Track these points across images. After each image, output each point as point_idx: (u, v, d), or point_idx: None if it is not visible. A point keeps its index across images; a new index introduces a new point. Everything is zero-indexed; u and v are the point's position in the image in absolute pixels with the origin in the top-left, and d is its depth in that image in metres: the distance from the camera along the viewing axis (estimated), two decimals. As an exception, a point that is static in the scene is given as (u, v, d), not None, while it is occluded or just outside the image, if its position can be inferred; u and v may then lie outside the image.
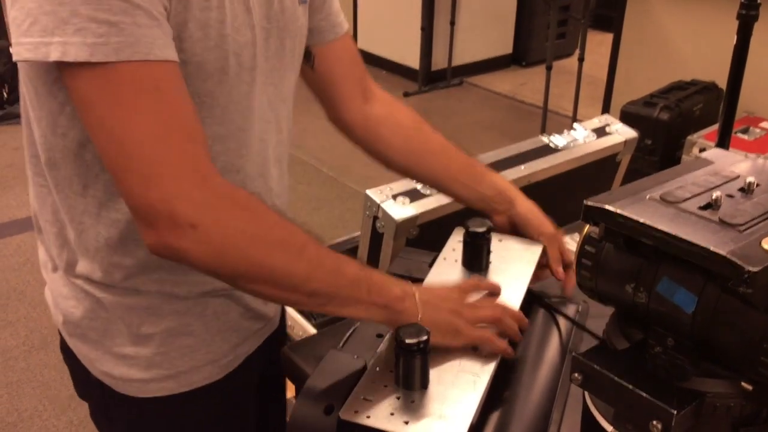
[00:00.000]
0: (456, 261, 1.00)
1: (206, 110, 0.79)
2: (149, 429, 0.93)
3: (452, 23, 4.90)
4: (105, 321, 0.86)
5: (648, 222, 0.62)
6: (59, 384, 2.26)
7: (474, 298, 0.87)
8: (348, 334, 0.87)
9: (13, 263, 2.90)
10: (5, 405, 2.22)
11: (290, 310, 1.64)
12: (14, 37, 0.68)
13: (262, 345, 0.97)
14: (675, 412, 0.60)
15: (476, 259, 0.97)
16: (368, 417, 0.72)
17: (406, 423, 0.72)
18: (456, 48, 5.01)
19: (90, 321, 0.86)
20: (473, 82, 5.11)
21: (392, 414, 0.73)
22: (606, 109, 3.72)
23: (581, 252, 0.69)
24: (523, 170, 1.48)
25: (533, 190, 1.46)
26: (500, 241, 1.05)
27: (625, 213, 0.64)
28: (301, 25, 0.92)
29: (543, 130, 3.96)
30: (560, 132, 1.63)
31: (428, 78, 4.99)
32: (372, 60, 5.26)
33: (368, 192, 1.37)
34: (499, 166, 1.46)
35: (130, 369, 0.87)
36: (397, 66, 5.13)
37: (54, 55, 0.66)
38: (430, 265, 1.00)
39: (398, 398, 0.75)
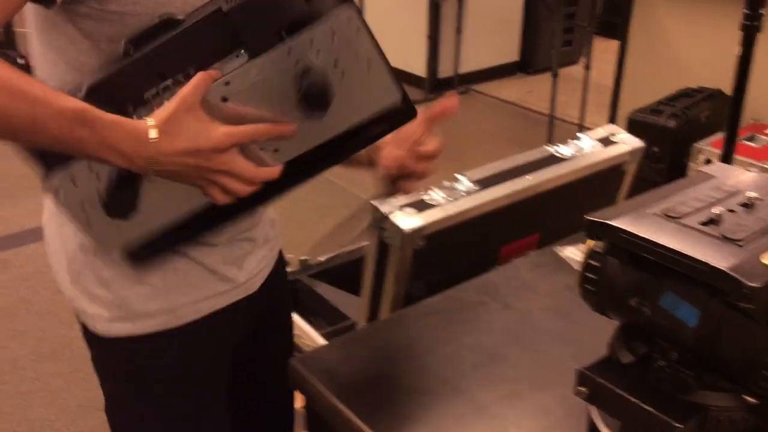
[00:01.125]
0: None
1: None
2: (118, 368, 1.01)
3: (458, 31, 4.91)
4: (81, 263, 0.95)
5: (650, 237, 0.63)
6: (69, 394, 2.28)
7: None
8: None
9: (22, 273, 2.92)
10: (16, 415, 2.23)
11: (299, 320, 1.66)
12: None
13: (230, 307, 1.02)
14: (679, 426, 0.60)
15: None
16: None
17: None
18: (462, 56, 5.03)
19: (72, 263, 0.96)
20: (479, 90, 5.12)
21: None
22: (612, 117, 3.73)
23: (585, 266, 0.70)
24: (529, 180, 1.48)
25: (539, 200, 1.47)
26: None
27: (628, 228, 0.65)
28: None
29: (549, 138, 3.96)
30: (567, 140, 1.64)
31: (434, 86, 5.01)
32: (378, 68, 5.29)
33: (374, 202, 1.38)
34: (505, 175, 1.47)
35: (100, 308, 0.96)
36: (403, 74, 5.14)
37: None
38: None
39: None
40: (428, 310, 1.08)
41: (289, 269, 1.94)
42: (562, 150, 1.61)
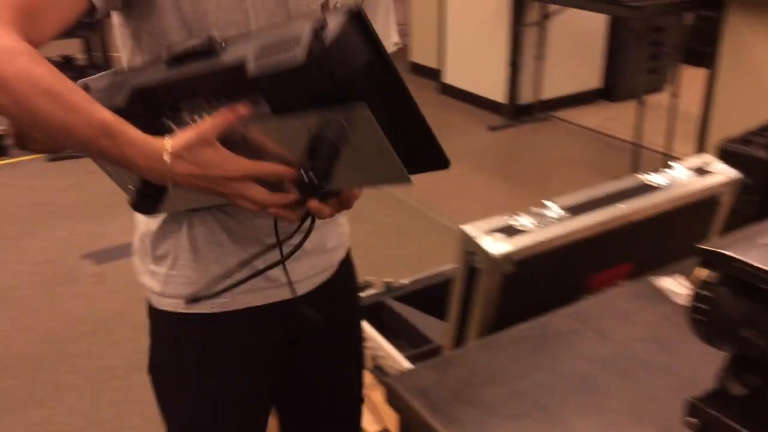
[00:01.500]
0: None
1: None
2: (160, 336, 1.15)
3: (539, 57, 4.89)
4: (148, 242, 1.09)
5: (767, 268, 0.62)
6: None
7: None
8: None
9: (118, 286, 3.04)
10: (110, 423, 2.32)
11: (382, 341, 1.67)
12: None
13: (271, 305, 1.10)
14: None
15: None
16: None
17: None
18: (543, 82, 5.00)
19: (142, 242, 1.11)
20: (560, 117, 5.08)
21: None
22: (701, 147, 3.63)
23: (696, 296, 0.69)
24: (622, 208, 1.46)
25: (631, 229, 1.45)
26: None
27: (744, 258, 0.64)
28: None
29: (634, 166, 3.88)
30: (652, 168, 1.61)
31: (515, 112, 4.99)
32: (458, 94, 5.30)
33: (463, 227, 1.38)
34: (597, 203, 1.45)
35: (155, 283, 1.09)
36: (484, 100, 5.15)
37: None
38: None
39: None
40: (520, 337, 1.08)
41: (372, 291, 1.96)
42: (655, 179, 1.59)
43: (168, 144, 0.84)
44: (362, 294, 1.90)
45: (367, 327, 1.73)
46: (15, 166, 4.25)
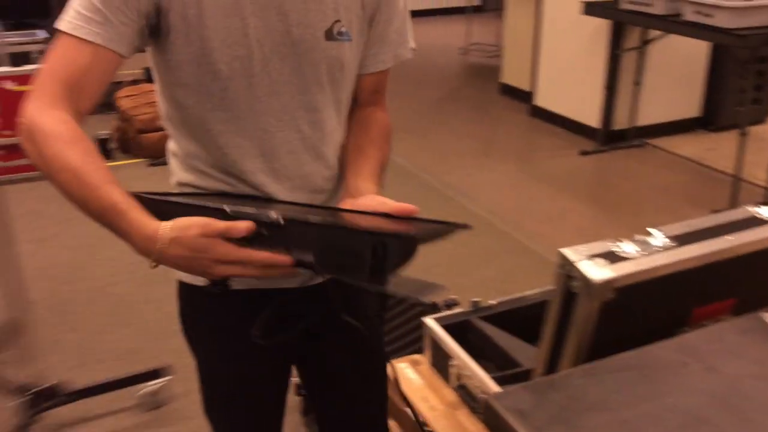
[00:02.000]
0: None
1: (205, 92, 1.16)
2: (184, 305, 1.35)
3: (637, 83, 4.79)
4: None
5: None
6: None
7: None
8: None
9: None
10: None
11: (468, 361, 1.66)
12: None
13: (263, 291, 1.26)
14: None
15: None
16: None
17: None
18: (640, 108, 4.89)
19: None
20: (656, 144, 4.95)
21: None
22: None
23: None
24: (730, 240, 1.41)
25: (738, 263, 1.40)
26: None
27: None
28: (328, 56, 1.20)
29: (732, 199, 3.74)
30: (752, 202, 1.56)
31: (608, 137, 4.90)
32: (549, 117, 5.24)
33: (563, 251, 1.36)
34: (704, 234, 1.41)
35: None
36: (576, 124, 5.08)
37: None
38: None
39: None
40: (623, 365, 1.05)
41: (458, 309, 1.96)
42: (765, 212, 1.53)
43: (164, 231, 0.95)
44: (448, 312, 1.91)
45: (452, 345, 1.72)
46: (118, 169, 4.45)
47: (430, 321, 1.80)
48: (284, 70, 1.19)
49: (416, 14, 1.23)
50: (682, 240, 1.38)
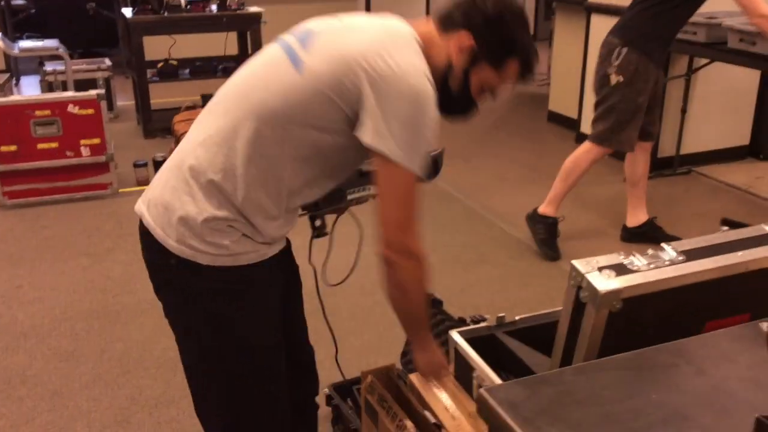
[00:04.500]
0: None
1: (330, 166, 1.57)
2: (235, 292, 1.59)
3: (683, 111, 4.77)
4: (208, 227, 1.53)
5: None
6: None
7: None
8: None
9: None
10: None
11: (490, 373, 1.70)
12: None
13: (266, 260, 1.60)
14: None
15: None
16: None
17: None
18: (686, 136, 4.86)
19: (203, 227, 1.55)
20: (702, 172, 4.90)
21: None
22: None
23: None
24: (740, 256, 1.44)
25: (752, 278, 1.42)
26: None
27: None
28: None
29: (778, 227, 3.67)
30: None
31: (654, 165, 4.86)
32: (595, 144, 5.23)
33: (574, 262, 1.41)
34: (715, 249, 1.44)
35: (209, 248, 1.53)
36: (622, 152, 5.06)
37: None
38: None
39: None
40: (617, 365, 1.10)
41: (484, 324, 2.01)
42: (781, 230, 1.55)
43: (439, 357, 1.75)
44: (474, 326, 1.96)
45: (475, 357, 1.77)
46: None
47: (455, 334, 1.86)
48: None
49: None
50: (691, 255, 1.42)
